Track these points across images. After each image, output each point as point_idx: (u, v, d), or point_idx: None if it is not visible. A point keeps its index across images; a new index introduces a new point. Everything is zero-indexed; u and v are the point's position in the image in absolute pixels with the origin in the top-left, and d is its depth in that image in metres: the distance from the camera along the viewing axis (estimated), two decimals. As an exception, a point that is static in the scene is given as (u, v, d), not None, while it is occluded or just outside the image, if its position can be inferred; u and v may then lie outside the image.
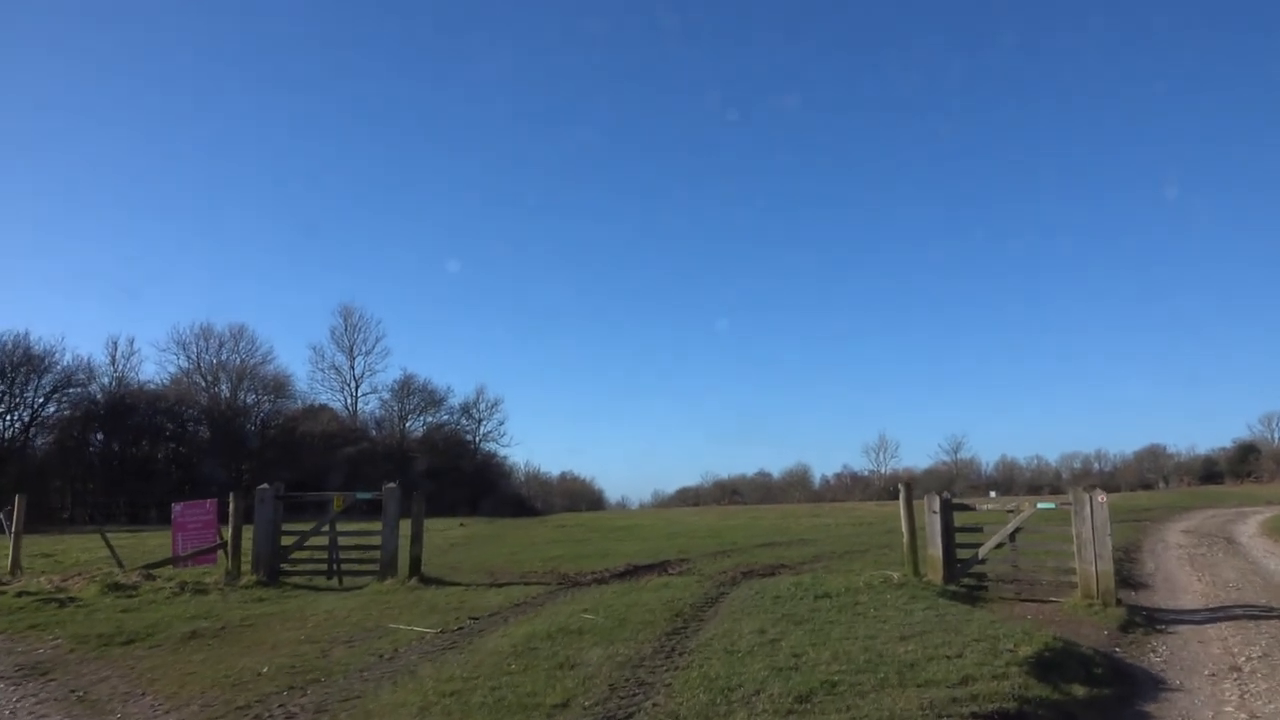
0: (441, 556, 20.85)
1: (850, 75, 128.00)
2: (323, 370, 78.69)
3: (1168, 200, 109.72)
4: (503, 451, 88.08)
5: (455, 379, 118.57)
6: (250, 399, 73.13)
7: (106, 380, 65.51)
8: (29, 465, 57.02)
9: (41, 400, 58.57)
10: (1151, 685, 8.48)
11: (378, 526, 15.11)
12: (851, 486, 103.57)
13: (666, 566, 17.41)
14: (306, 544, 15.54)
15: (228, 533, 15.20)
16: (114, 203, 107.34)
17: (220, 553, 15.39)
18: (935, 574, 13.65)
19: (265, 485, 15.25)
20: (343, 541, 15.49)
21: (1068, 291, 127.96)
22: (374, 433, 76.61)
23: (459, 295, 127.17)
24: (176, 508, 15.66)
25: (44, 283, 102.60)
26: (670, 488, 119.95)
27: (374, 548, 15.04)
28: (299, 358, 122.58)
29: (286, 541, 15.35)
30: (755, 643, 8.94)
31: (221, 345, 72.69)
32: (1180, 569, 17.22)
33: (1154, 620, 11.74)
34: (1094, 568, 12.48)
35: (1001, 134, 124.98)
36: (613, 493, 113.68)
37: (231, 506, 15.18)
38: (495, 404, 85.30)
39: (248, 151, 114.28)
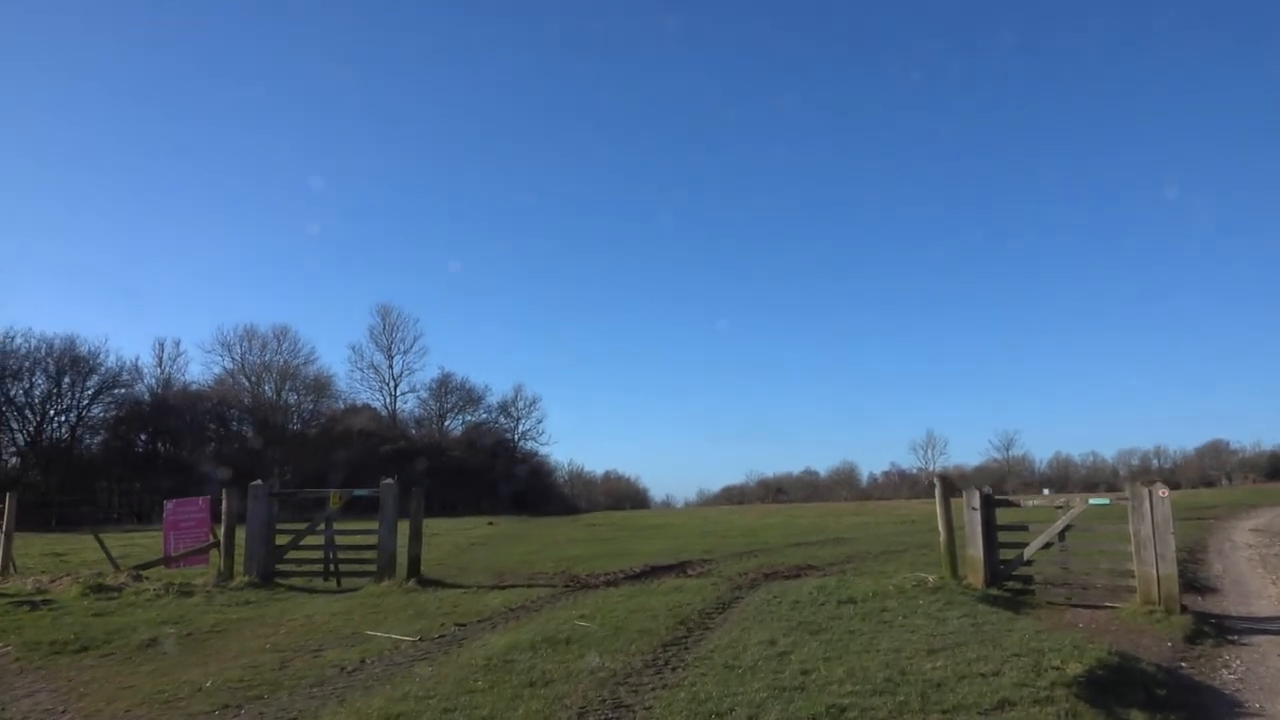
0: (457, 556, 20.06)
1: (850, 75, 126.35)
2: (361, 370, 78.96)
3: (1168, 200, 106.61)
4: (543, 450, 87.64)
5: (495, 379, 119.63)
6: (292, 399, 73.61)
7: (152, 381, 66.40)
8: (76, 465, 57.81)
9: (87, 401, 59.30)
10: (1225, 709, 7.25)
11: (377, 525, 14.27)
12: (899, 484, 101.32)
13: (686, 567, 16.33)
14: (305, 544, 14.77)
15: (221, 531, 14.49)
16: (153, 210, 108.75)
17: (214, 552, 14.69)
18: (975, 576, 12.42)
19: (259, 481, 14.51)
20: (340, 541, 14.68)
21: (1114, 288, 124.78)
22: (413, 432, 76.53)
23: (496, 295, 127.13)
24: (169, 505, 14.99)
25: (88, 286, 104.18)
26: (715, 486, 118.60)
27: (372, 547, 14.21)
28: (339, 358, 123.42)
29: (282, 541, 14.59)
30: (761, 656, 7.87)
31: (265, 346, 73.26)
32: (1252, 571, 15.69)
33: (1225, 629, 10.40)
34: (1155, 570, 11.17)
35: (1002, 134, 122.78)
36: (658, 492, 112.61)
37: (224, 505, 14.46)
38: (533, 402, 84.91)
39: (271, 155, 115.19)
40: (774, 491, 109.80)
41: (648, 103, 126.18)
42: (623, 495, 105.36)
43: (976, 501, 12.67)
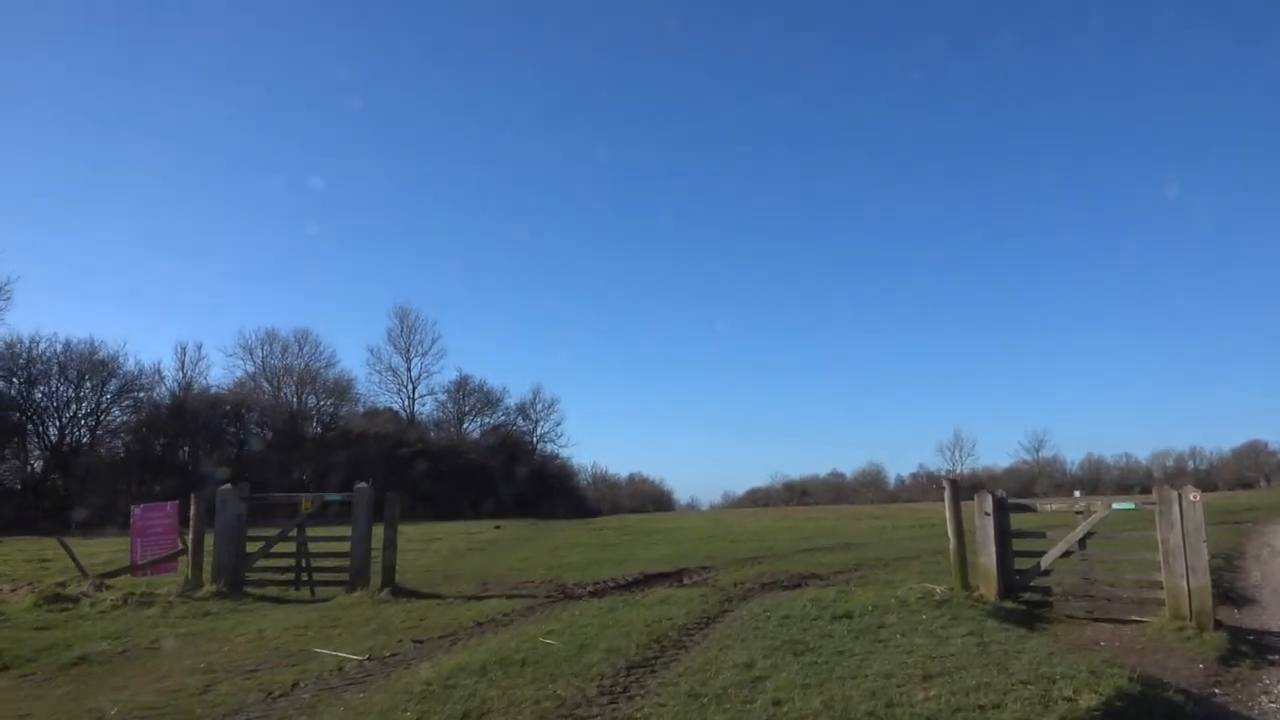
0: (450, 562, 19.29)
1: (850, 75, 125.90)
2: (380, 372, 78.55)
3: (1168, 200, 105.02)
4: (564, 453, 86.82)
5: (517, 383, 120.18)
6: (312, 402, 73.47)
7: (174, 385, 66.53)
8: (96, 469, 57.92)
9: (106, 405, 59.50)
10: (1266, 747, 6.25)
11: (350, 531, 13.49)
12: (927, 487, 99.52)
13: (683, 576, 15.43)
14: (279, 551, 14.03)
15: (190, 538, 13.79)
16: (168, 212, 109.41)
17: (182, 560, 14.00)
18: (987, 588, 11.43)
19: (228, 485, 13.78)
20: (315, 548, 13.93)
21: (1120, 288, 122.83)
22: (432, 434, 76.11)
23: (514, 298, 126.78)
24: (136, 510, 14.34)
25: (107, 291, 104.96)
26: (741, 489, 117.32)
27: (347, 554, 13.44)
28: (358, 360, 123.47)
29: (253, 548, 13.86)
30: (733, 682, 6.98)
31: (285, 349, 73.13)
32: (1294, 580, 14.53)
33: (1264, 648, 9.36)
34: (1185, 582, 10.13)
35: (1002, 134, 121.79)
36: (683, 494, 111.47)
37: (193, 510, 13.76)
38: (551, 404, 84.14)
39: (284, 157, 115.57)
40: (799, 494, 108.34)
41: (648, 103, 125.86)
42: (647, 498, 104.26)
43: (989, 506, 11.69)
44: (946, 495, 12.38)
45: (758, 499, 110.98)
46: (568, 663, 7.91)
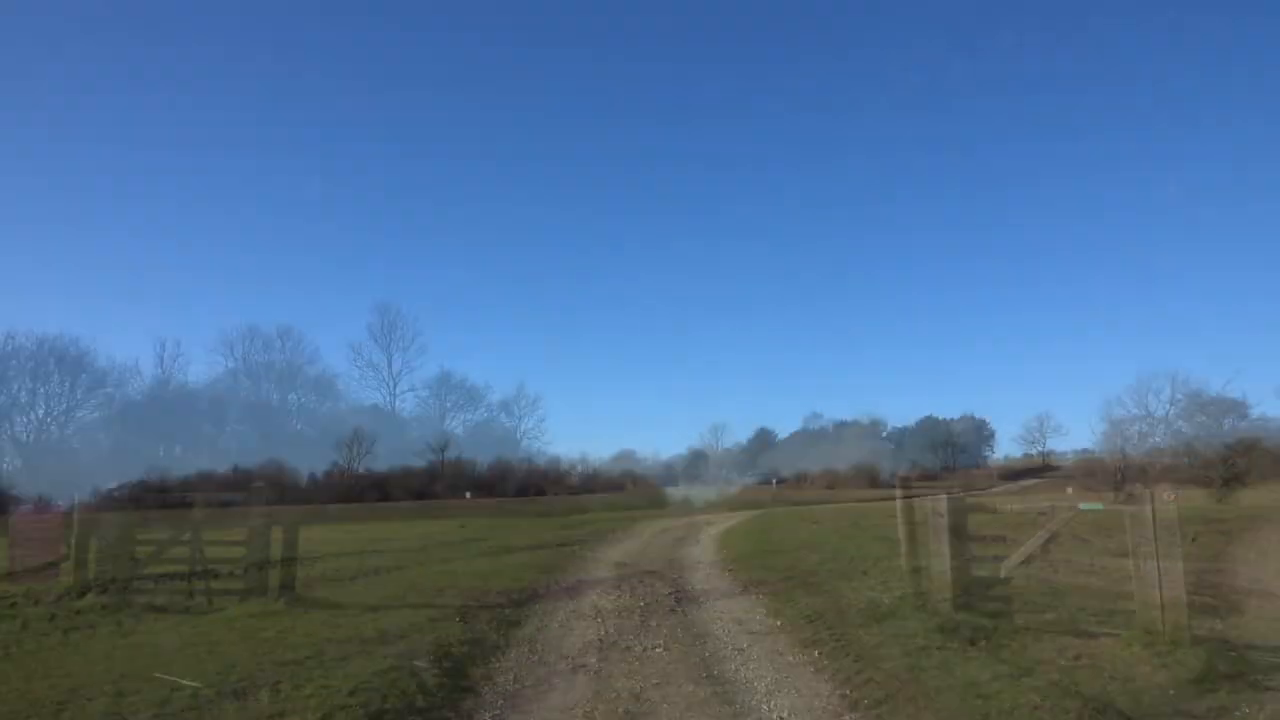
0: (386, 567, 18.04)
1: (851, 75, 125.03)
2: (360, 368, 77.38)
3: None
4: (551, 450, 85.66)
5: (501, 380, 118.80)
6: (293, 398, 72.37)
7: (152, 381, 65.44)
8: (69, 466, 56.83)
9: (77, 402, 58.46)
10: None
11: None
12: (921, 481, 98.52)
13: (621, 583, 14.19)
14: (174, 557, 12.82)
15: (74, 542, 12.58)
16: (155, 210, 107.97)
17: (65, 566, 12.81)
18: (942, 597, 10.27)
19: (113, 486, 12.62)
20: (214, 554, 12.73)
21: (1117, 286, 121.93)
22: (413, 431, 75.05)
23: (508, 298, 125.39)
24: (18, 512, 13.18)
25: (87, 287, 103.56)
26: (736, 486, 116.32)
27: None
28: (341, 357, 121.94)
29: (143, 553, 12.66)
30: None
31: (267, 346, 71.92)
32: (1284, 583, 13.36)
33: (1245, 666, 8.18)
34: (1157, 592, 8.97)
35: (1002, 134, 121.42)
36: (678, 491, 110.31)
37: (76, 512, 12.58)
38: (535, 401, 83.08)
39: (275, 156, 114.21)
40: (792, 489, 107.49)
41: (646, 102, 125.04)
42: (640, 495, 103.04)
43: (944, 507, 10.53)
44: (899, 495, 11.23)
45: (751, 495, 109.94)
46: (429, 703, 6.76)
